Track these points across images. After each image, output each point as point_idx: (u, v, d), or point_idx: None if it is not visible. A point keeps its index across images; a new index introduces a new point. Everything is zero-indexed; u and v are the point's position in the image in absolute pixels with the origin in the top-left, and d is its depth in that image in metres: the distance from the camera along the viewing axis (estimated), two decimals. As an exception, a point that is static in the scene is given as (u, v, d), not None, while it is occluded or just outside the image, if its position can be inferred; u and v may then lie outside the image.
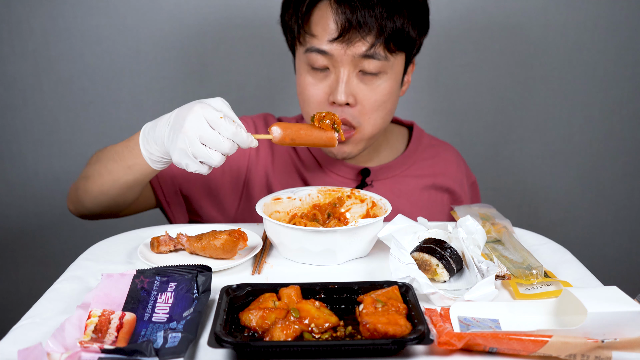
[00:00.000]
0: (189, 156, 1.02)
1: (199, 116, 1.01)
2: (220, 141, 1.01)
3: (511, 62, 2.07)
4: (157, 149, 1.10)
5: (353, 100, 1.27)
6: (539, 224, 2.18)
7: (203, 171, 1.04)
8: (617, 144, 2.18)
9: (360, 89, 1.27)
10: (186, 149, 1.01)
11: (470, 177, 1.58)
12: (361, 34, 1.22)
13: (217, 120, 1.01)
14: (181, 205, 1.41)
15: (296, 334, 0.81)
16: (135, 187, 1.23)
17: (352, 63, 1.25)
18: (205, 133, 1.01)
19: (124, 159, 1.17)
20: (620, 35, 2.06)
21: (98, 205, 1.27)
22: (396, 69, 1.30)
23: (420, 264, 1.01)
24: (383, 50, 1.25)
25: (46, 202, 2.08)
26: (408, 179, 1.46)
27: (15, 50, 1.94)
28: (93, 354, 0.76)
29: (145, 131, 1.12)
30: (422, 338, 0.78)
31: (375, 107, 1.29)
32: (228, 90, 2.04)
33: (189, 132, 1.01)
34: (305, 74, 1.30)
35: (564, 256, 1.13)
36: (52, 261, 2.09)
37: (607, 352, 0.77)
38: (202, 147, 1.01)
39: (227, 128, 1.02)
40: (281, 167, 1.43)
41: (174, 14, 1.96)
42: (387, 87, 1.29)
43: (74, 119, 2.02)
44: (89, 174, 1.26)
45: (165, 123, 1.07)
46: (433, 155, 1.51)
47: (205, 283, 0.94)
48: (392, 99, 1.32)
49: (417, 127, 1.54)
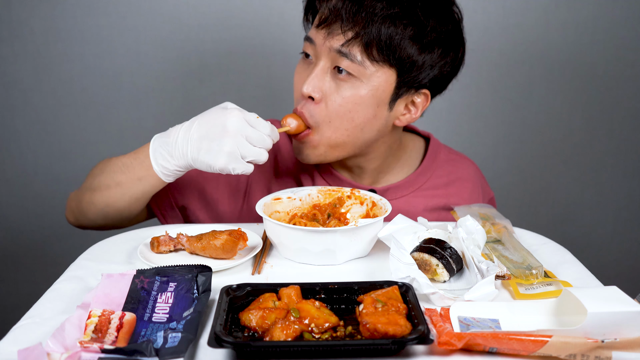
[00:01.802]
0: (237, 158, 1.07)
1: (240, 119, 1.06)
2: (264, 138, 1.08)
3: (511, 62, 2.07)
4: (175, 163, 1.11)
5: (319, 95, 1.19)
6: (539, 224, 2.18)
7: (249, 170, 1.09)
8: (617, 144, 2.18)
9: (329, 87, 1.19)
10: (235, 151, 1.06)
11: (487, 194, 1.49)
12: (342, 27, 1.16)
13: (255, 120, 1.08)
14: (178, 218, 1.37)
15: (296, 334, 0.81)
16: (143, 199, 1.21)
17: (328, 56, 1.19)
18: (251, 133, 1.07)
19: (134, 171, 1.16)
20: (620, 35, 2.06)
21: (103, 217, 1.25)
22: (375, 81, 1.18)
23: (420, 264, 1.01)
24: (361, 53, 1.16)
25: (46, 202, 2.08)
26: (418, 200, 1.37)
27: (15, 50, 1.94)
28: (93, 354, 0.76)
29: (156, 144, 1.12)
30: (422, 338, 0.78)
31: (339, 112, 1.19)
32: (228, 90, 2.04)
33: (236, 135, 1.05)
34: (299, 62, 1.29)
35: (564, 256, 1.13)
36: (52, 261, 2.08)
37: (607, 352, 0.77)
38: (251, 147, 1.07)
39: (264, 126, 1.09)
40: (285, 183, 1.38)
41: (174, 14, 1.96)
42: (355, 96, 1.18)
43: (74, 119, 2.02)
44: (94, 186, 1.22)
45: (185, 136, 1.09)
46: (449, 173, 1.40)
47: (205, 283, 0.94)
48: (363, 113, 1.20)
49: (434, 140, 1.43)
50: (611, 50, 2.08)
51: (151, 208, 1.36)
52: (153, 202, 1.34)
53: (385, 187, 1.36)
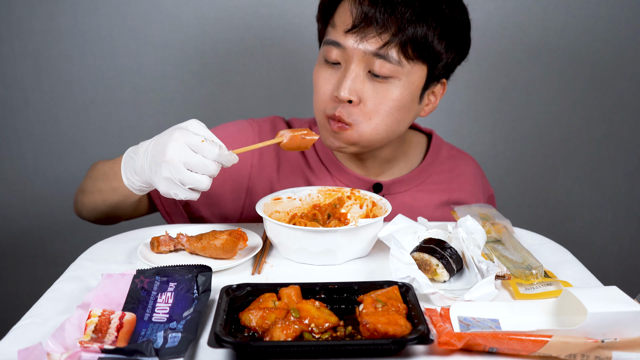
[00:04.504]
0: (176, 185, 1.01)
1: (180, 143, 1.00)
2: (206, 164, 1.00)
3: (511, 62, 2.07)
4: (138, 179, 1.10)
5: (357, 98, 1.21)
6: (539, 224, 2.18)
7: (194, 197, 1.03)
8: (617, 144, 2.18)
9: (367, 89, 1.21)
10: (172, 177, 1.00)
11: (487, 190, 1.52)
12: (377, 30, 1.17)
13: (199, 144, 1.00)
14: (182, 215, 1.38)
15: (296, 334, 0.81)
16: (124, 206, 1.23)
17: (363, 60, 1.20)
18: (189, 159, 0.99)
19: (109, 181, 1.17)
20: (620, 35, 2.06)
21: (95, 216, 1.30)
22: (412, 78, 1.22)
23: (420, 264, 1.01)
24: (397, 54, 1.18)
25: (46, 202, 2.08)
26: (422, 194, 1.40)
27: (15, 50, 1.94)
28: (93, 354, 0.76)
29: (127, 158, 1.11)
30: (422, 338, 0.78)
31: (379, 111, 1.22)
32: (228, 90, 2.04)
33: (173, 160, 0.99)
34: (319, 65, 1.27)
35: (564, 256, 1.13)
36: (52, 261, 2.09)
37: (607, 352, 0.77)
38: (189, 173, 1.00)
39: (210, 150, 1.00)
40: (288, 176, 1.39)
41: (174, 14, 1.96)
42: (397, 94, 1.21)
43: (74, 119, 2.02)
44: (83, 189, 1.28)
45: (144, 154, 1.06)
46: (451, 169, 1.44)
47: (205, 283, 0.94)
48: (401, 108, 1.24)
49: (436, 136, 1.47)
50: (611, 50, 2.08)
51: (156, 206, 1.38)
52: (157, 199, 1.36)
53: (390, 180, 1.39)
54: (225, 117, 1.75)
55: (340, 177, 1.38)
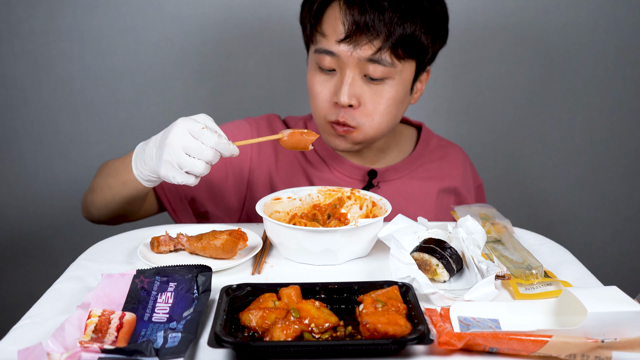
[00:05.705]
0: (174, 167, 1.05)
1: (182, 129, 1.05)
2: (203, 150, 1.04)
3: (511, 62, 2.07)
4: (147, 168, 1.13)
5: (356, 102, 1.27)
6: (539, 224, 2.18)
7: (190, 182, 1.07)
8: (617, 144, 2.18)
9: (365, 92, 1.27)
10: (171, 160, 1.04)
11: (476, 180, 1.58)
12: (368, 37, 1.22)
13: (199, 130, 1.04)
14: (187, 211, 1.42)
15: (296, 334, 0.81)
16: (134, 201, 1.26)
17: (357, 66, 1.25)
18: (188, 143, 1.04)
19: (120, 175, 1.20)
20: (620, 35, 2.06)
21: (105, 215, 1.32)
22: (404, 75, 1.29)
23: (420, 264, 1.01)
24: (390, 56, 1.24)
25: (46, 202, 2.08)
26: (415, 181, 1.46)
27: (15, 50, 1.94)
28: (93, 354, 0.76)
29: (138, 151, 1.15)
30: (422, 338, 0.78)
31: (379, 110, 1.29)
32: (228, 90, 2.04)
33: (173, 143, 1.04)
34: (313, 72, 1.32)
35: (564, 256, 1.13)
36: (52, 261, 2.09)
37: (607, 352, 0.77)
38: (187, 157, 1.04)
39: (209, 137, 1.05)
40: (286, 167, 1.44)
41: (174, 14, 1.96)
42: (392, 93, 1.28)
43: (74, 119, 2.02)
44: (93, 187, 1.31)
45: (153, 144, 1.11)
46: (441, 157, 1.51)
47: (205, 283, 0.94)
48: (397, 105, 1.31)
49: (425, 128, 1.54)
50: (611, 50, 2.07)
51: (162, 202, 1.41)
52: (164, 196, 1.39)
53: (385, 167, 1.44)
54: (226, 117, 1.75)
55: (337, 166, 1.43)
